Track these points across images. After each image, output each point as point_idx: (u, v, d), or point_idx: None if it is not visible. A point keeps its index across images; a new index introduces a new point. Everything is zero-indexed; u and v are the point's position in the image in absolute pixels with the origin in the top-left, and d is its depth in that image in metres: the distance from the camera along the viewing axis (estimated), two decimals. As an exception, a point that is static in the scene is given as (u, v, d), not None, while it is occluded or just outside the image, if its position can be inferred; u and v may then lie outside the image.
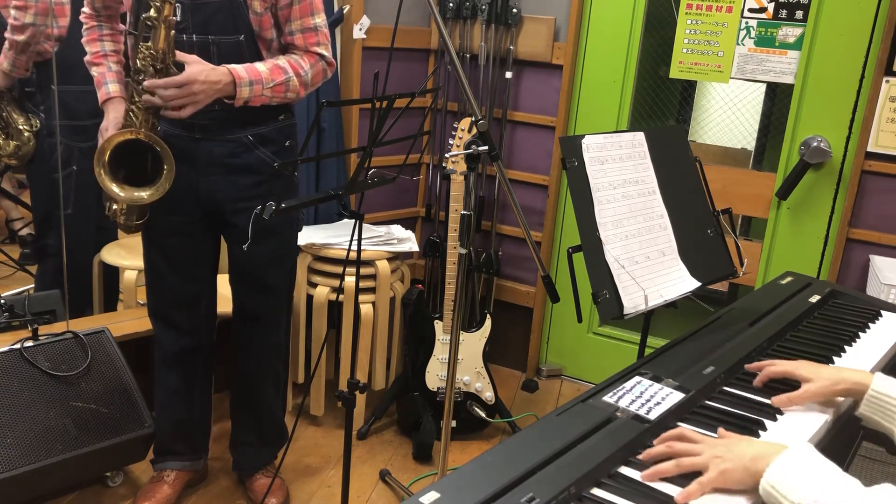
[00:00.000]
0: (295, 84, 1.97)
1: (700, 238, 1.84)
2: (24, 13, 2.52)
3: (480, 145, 1.74)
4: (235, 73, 1.86)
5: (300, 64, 1.98)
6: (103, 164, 1.84)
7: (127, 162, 1.88)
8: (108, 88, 2.00)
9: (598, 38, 2.99)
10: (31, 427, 2.06)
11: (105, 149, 1.84)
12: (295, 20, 1.96)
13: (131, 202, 1.89)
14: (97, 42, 2.04)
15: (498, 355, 3.34)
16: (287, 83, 1.95)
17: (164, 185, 1.88)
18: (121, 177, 1.88)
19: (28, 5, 2.52)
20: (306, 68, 1.98)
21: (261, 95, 1.91)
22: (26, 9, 2.52)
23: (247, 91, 1.88)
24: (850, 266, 2.74)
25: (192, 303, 2.19)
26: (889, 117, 2.57)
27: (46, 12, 2.55)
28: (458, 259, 1.80)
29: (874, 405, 1.24)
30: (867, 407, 1.25)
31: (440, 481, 1.02)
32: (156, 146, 1.86)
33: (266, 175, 2.06)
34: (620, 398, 1.29)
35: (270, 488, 2.31)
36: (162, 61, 1.81)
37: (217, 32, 1.90)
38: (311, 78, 2.01)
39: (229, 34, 1.90)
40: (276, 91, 1.94)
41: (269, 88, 1.92)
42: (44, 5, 2.54)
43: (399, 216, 3.28)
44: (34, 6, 2.52)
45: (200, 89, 1.82)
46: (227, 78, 1.85)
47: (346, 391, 1.95)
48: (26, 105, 2.74)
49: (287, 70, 1.95)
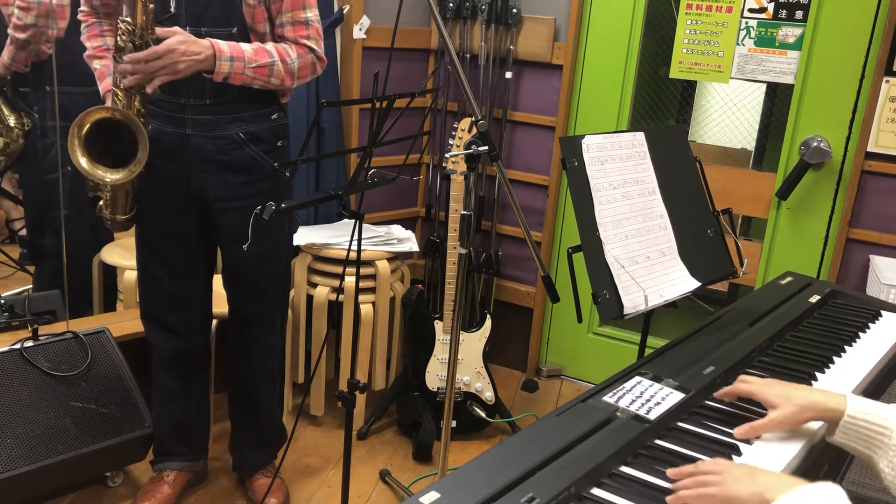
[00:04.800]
0: (279, 70, 1.95)
1: (700, 238, 1.84)
2: (27, 14, 2.57)
3: (480, 145, 1.74)
4: (217, 46, 1.86)
5: (288, 52, 1.97)
6: (78, 138, 1.81)
7: (112, 148, 1.86)
8: (110, 80, 1.99)
9: (598, 38, 2.99)
10: (31, 427, 2.06)
11: (81, 123, 1.81)
12: (286, 12, 1.97)
13: (95, 178, 1.86)
14: (98, 37, 2.04)
15: (498, 355, 3.33)
16: (271, 66, 1.94)
17: (134, 168, 1.85)
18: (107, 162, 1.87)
19: (31, 6, 2.57)
20: (293, 57, 1.98)
21: (242, 74, 1.90)
22: (29, 10, 2.57)
23: (227, 66, 1.87)
24: (850, 266, 2.74)
25: (185, 305, 2.18)
26: (889, 117, 2.57)
27: (47, 13, 2.59)
28: (458, 259, 1.80)
29: (850, 431, 1.15)
30: (843, 434, 1.16)
31: (440, 481, 1.02)
32: (130, 124, 1.83)
33: (256, 174, 2.06)
34: (620, 398, 1.29)
35: (270, 488, 2.30)
36: (140, 37, 1.80)
37: (210, 24, 1.90)
38: (297, 68, 1.99)
39: (222, 26, 1.91)
40: (259, 73, 1.93)
41: (251, 68, 1.91)
42: (45, 7, 2.59)
43: (399, 216, 3.28)
44: (36, 7, 2.58)
45: (180, 59, 1.81)
46: (209, 51, 1.84)
47: (346, 391, 1.95)
48: (20, 104, 2.76)
49: (273, 54, 1.94)
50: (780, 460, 1.18)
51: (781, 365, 1.52)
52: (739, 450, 1.19)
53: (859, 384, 1.47)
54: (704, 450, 1.19)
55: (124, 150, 1.87)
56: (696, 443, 1.21)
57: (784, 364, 1.53)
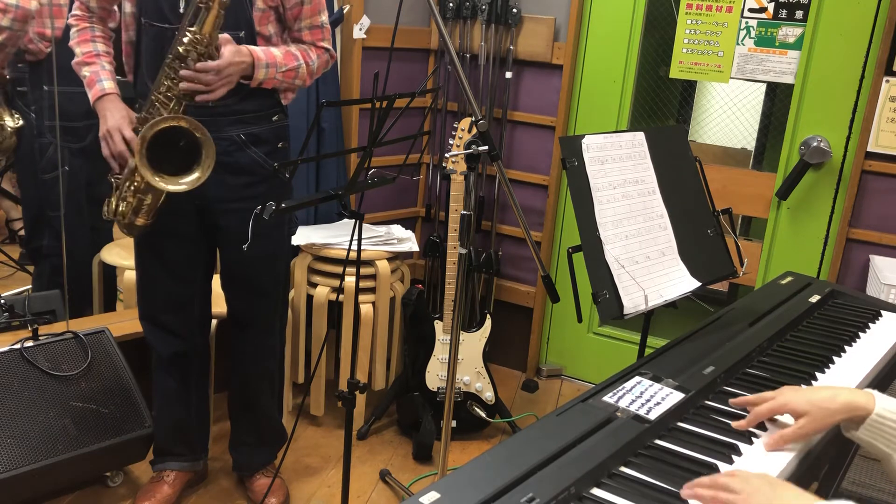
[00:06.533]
0: (303, 72, 2.04)
1: (700, 238, 1.84)
2: (3, 16, 2.54)
3: (480, 145, 1.73)
4: (255, 54, 1.91)
5: (308, 54, 2.06)
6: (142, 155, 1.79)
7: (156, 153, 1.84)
8: (102, 85, 1.94)
9: (598, 38, 2.99)
10: (31, 427, 2.06)
11: (145, 136, 1.79)
12: (305, 18, 2.04)
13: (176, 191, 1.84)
14: (89, 42, 2.01)
15: (498, 355, 3.33)
16: (297, 69, 2.02)
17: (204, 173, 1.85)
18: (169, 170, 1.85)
19: (7, 9, 2.54)
20: (314, 58, 2.07)
21: (273, 78, 1.97)
22: (5, 12, 2.54)
23: (262, 73, 1.93)
24: (850, 266, 2.74)
25: (184, 305, 2.18)
26: (889, 117, 2.57)
27: (25, 18, 2.58)
28: (458, 259, 1.80)
29: (876, 430, 1.15)
30: (868, 431, 1.16)
31: (440, 481, 1.02)
32: (196, 132, 1.82)
33: (257, 176, 2.06)
34: (620, 398, 1.29)
35: (270, 488, 2.31)
36: (206, 45, 1.82)
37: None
38: (317, 68, 2.09)
39: (230, 29, 1.91)
40: (287, 76, 2.00)
41: (281, 72, 1.98)
42: (23, 12, 2.56)
43: (399, 216, 3.28)
44: (13, 11, 2.54)
45: (234, 71, 1.87)
46: (249, 59, 1.90)
47: (346, 391, 1.95)
48: (17, 104, 2.76)
49: (298, 58, 2.02)
50: (780, 460, 1.18)
51: (781, 365, 1.52)
52: (739, 450, 1.19)
53: (859, 384, 1.47)
54: (704, 450, 1.19)
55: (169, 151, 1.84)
56: (696, 443, 1.21)
57: (784, 364, 1.52)
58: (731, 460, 1.17)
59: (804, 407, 1.19)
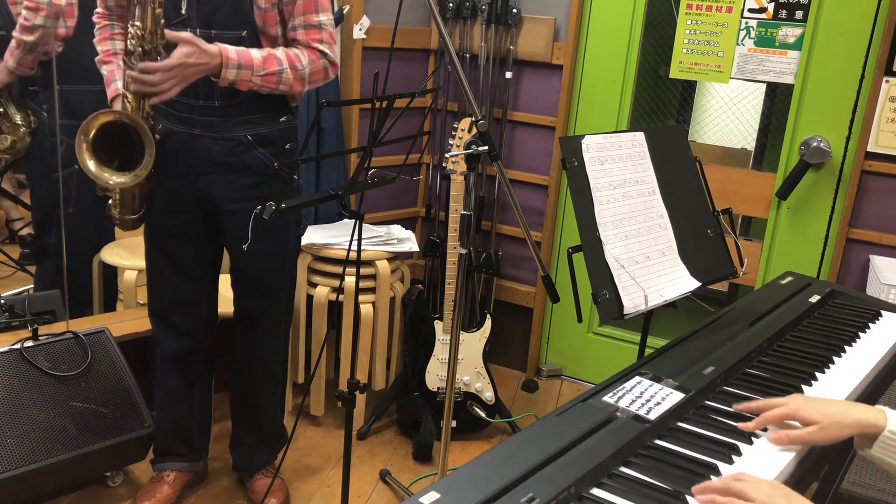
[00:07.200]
0: (289, 77, 1.95)
1: (700, 238, 1.84)
2: (36, 14, 2.53)
3: (480, 145, 1.74)
4: (225, 53, 1.85)
5: (298, 58, 1.96)
6: (86, 141, 1.81)
7: (122, 151, 1.85)
8: (117, 85, 1.98)
9: (598, 38, 2.99)
10: (31, 427, 2.06)
11: (88, 127, 1.80)
12: (298, 16, 1.96)
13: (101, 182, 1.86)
14: (108, 41, 2.04)
15: (498, 355, 3.33)
16: (279, 74, 1.93)
17: (140, 172, 1.85)
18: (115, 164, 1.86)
19: (40, 7, 2.53)
20: (304, 62, 1.97)
21: (249, 81, 1.90)
22: (38, 10, 2.53)
23: (233, 73, 1.87)
24: (850, 266, 2.74)
25: (192, 304, 2.19)
26: (889, 117, 2.57)
27: (57, 14, 2.56)
28: (458, 259, 1.80)
29: (889, 447, 1.14)
30: (881, 449, 1.15)
31: (440, 481, 1.02)
32: (137, 128, 1.83)
33: (264, 176, 2.06)
34: (620, 398, 1.29)
35: (270, 488, 2.31)
36: (150, 41, 1.80)
37: (220, 27, 1.90)
38: (308, 74, 1.99)
39: (232, 29, 1.90)
40: (267, 80, 1.92)
41: (258, 76, 1.90)
42: (55, 8, 2.55)
43: (399, 216, 3.28)
44: (45, 8, 2.54)
45: (191, 73, 1.82)
46: (217, 60, 1.84)
47: (346, 391, 1.95)
48: (28, 103, 2.75)
49: (282, 61, 1.93)
50: (780, 460, 1.18)
51: (781, 365, 1.52)
52: (739, 450, 1.19)
53: (859, 384, 1.47)
54: (704, 450, 1.19)
55: (134, 152, 1.86)
56: (696, 443, 1.21)
57: (784, 364, 1.52)
58: (731, 460, 1.17)
59: (816, 417, 1.19)
